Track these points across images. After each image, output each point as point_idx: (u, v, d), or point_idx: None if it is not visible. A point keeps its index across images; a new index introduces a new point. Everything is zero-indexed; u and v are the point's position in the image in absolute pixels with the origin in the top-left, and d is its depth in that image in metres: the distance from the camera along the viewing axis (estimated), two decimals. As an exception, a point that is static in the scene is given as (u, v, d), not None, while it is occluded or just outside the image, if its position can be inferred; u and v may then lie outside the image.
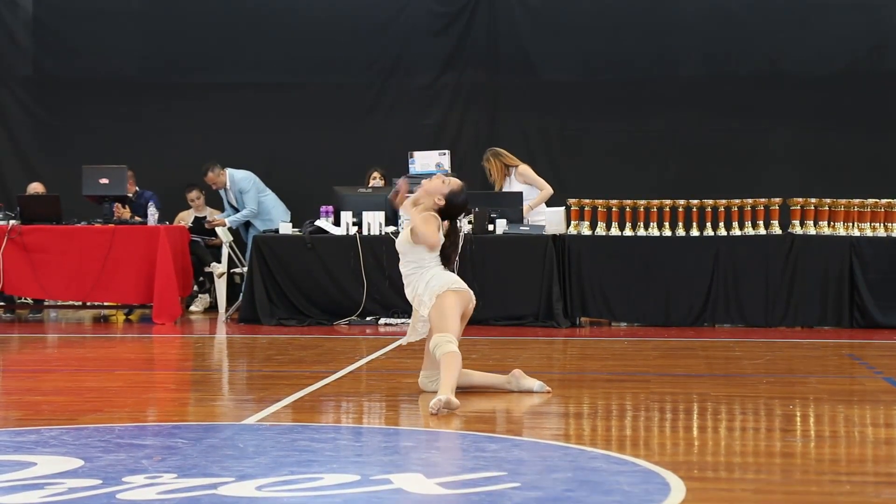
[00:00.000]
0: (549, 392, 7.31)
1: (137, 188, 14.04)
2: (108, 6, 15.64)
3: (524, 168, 12.83)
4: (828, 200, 12.19)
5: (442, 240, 7.23)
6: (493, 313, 11.76)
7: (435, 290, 7.13)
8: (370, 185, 13.37)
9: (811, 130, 14.67)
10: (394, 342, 10.39)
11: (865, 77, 14.65)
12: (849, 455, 5.78)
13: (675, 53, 14.97)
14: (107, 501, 4.53)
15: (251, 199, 14.02)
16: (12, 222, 12.57)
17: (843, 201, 12.16)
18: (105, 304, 13.28)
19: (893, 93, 14.66)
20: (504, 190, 12.78)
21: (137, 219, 13.26)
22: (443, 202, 7.22)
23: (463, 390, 7.11)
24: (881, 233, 12.07)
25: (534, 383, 7.36)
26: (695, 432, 6.33)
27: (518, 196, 12.80)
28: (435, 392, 6.97)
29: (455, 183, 7.31)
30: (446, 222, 7.30)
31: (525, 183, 12.75)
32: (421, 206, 7.26)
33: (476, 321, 10.90)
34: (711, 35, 14.88)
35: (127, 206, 13.44)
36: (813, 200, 12.19)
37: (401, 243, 7.33)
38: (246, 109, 15.32)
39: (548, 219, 12.61)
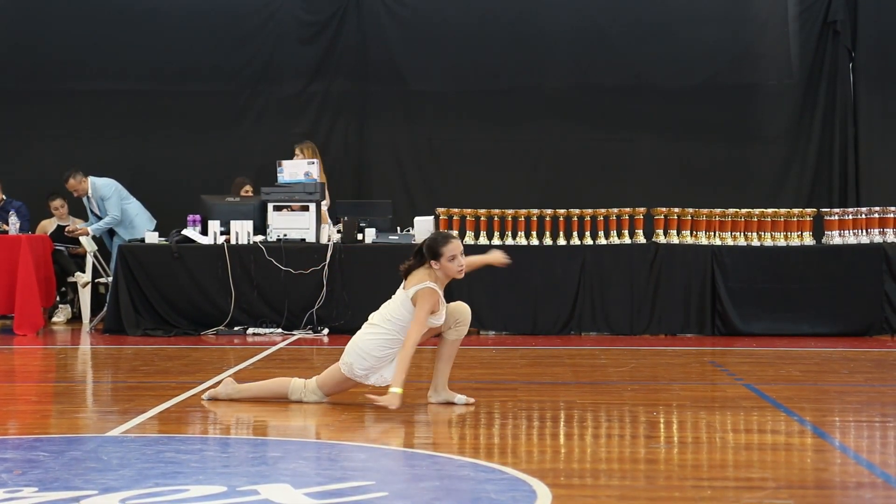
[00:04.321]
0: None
1: (4, 196, 13.72)
2: (-33, 11, 15.26)
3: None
4: (690, 210, 12.44)
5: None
6: (360, 322, 11.64)
7: None
8: (241, 197, 13.26)
9: (674, 141, 14.92)
10: (262, 352, 10.32)
11: (726, 88, 14.95)
12: (710, 460, 5.91)
13: (542, 64, 15.11)
14: (-36, 517, 4.44)
15: (113, 205, 13.71)
16: None
17: (705, 211, 12.42)
18: (-36, 315, 12.94)
19: (753, 104, 14.99)
20: None
21: (5, 227, 12.96)
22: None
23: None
24: (741, 241, 12.35)
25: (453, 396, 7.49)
26: (561, 440, 6.40)
27: (388, 206, 12.80)
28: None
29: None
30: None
31: None
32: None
33: (344, 331, 10.93)
34: (578, 47, 15.05)
35: None
36: (676, 210, 12.43)
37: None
38: (111, 117, 15.06)
39: (417, 228, 12.64)
